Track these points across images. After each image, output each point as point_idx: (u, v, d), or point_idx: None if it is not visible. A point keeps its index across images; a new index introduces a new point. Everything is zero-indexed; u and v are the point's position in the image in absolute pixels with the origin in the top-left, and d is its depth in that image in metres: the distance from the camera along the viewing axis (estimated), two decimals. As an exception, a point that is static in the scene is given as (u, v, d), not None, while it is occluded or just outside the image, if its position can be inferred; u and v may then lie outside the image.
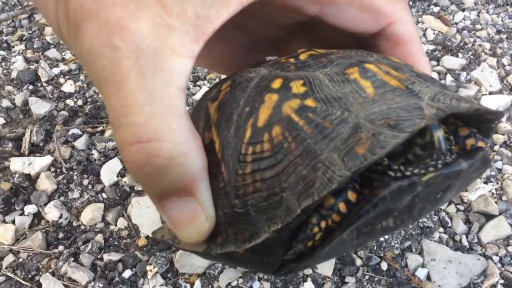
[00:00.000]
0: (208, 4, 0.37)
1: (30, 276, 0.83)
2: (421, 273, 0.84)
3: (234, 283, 0.82)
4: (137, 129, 0.36)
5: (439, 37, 1.25)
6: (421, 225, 0.90)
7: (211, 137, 0.45)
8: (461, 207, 0.93)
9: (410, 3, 1.36)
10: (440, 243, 0.88)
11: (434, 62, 1.20)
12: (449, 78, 1.15)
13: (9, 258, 0.84)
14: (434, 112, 0.37)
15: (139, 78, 0.36)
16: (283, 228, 0.39)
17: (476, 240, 0.88)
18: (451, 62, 1.18)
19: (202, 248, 0.45)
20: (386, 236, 0.86)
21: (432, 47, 1.23)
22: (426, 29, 1.28)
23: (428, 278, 0.84)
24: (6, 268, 0.83)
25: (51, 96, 1.09)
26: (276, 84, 0.42)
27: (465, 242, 0.88)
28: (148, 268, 0.83)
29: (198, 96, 1.10)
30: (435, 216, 0.92)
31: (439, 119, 0.38)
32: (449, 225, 0.91)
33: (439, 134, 0.37)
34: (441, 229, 0.90)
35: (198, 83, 1.14)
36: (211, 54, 0.53)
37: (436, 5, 1.35)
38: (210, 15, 0.38)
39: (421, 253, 0.87)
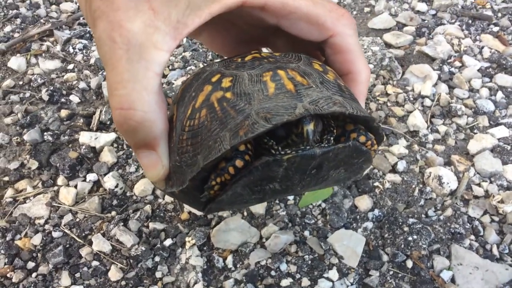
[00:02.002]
0: (187, 12, 0.51)
1: (83, 234, 0.93)
2: (446, 275, 0.85)
3: (263, 262, 0.88)
4: (120, 99, 0.51)
5: (494, 55, 1.26)
6: (453, 231, 0.91)
7: (173, 110, 0.61)
8: (496, 218, 0.93)
9: (470, 21, 1.37)
10: (469, 250, 0.89)
11: (487, 79, 1.20)
12: (499, 94, 1.16)
13: (68, 217, 0.95)
14: (301, 112, 0.49)
15: (127, 63, 0.50)
16: (193, 179, 0.54)
17: (507, 251, 0.88)
18: (504, 79, 1.19)
19: (163, 186, 0.61)
20: (415, 236, 0.89)
21: (486, 64, 1.24)
22: (483, 47, 1.29)
23: (453, 281, 0.85)
24: (64, 225, 0.94)
25: (94, 40, 1.21)
26: (215, 78, 0.56)
27: (495, 252, 0.89)
28: (187, 239, 0.91)
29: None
30: (468, 224, 0.93)
31: (310, 116, 0.49)
32: (481, 233, 0.91)
33: (307, 127, 0.49)
34: (473, 237, 0.91)
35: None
36: (214, 40, 0.71)
37: (496, 25, 1.36)
38: (187, 21, 0.51)
39: (448, 257, 0.88)
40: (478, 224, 0.93)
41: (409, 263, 0.87)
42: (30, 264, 0.89)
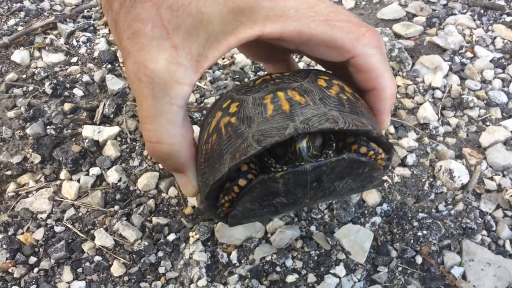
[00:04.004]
0: (207, 46, 0.54)
1: (86, 229, 0.91)
2: (457, 271, 0.83)
3: (268, 258, 0.86)
4: (149, 133, 0.58)
5: (507, 46, 1.22)
6: (464, 226, 0.89)
7: (199, 135, 0.67)
8: (509, 213, 0.90)
9: (482, 11, 1.33)
10: (481, 245, 0.86)
11: (500, 70, 1.17)
12: (512, 86, 1.13)
13: (70, 212, 0.94)
14: (290, 132, 0.52)
15: (153, 100, 0.55)
16: (207, 198, 0.62)
17: (520, 247, 0.86)
18: (518, 70, 1.16)
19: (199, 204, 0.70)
20: (425, 231, 0.86)
21: (499, 55, 1.21)
22: (495, 38, 1.25)
23: (464, 277, 0.83)
24: (66, 220, 0.93)
25: (125, 76, 1.20)
26: (225, 104, 0.61)
27: (508, 247, 0.86)
28: (191, 234, 0.89)
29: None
30: (480, 219, 0.90)
31: (303, 134, 0.52)
32: (494, 229, 0.89)
33: (299, 145, 0.52)
34: (485, 232, 0.88)
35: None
36: (252, 52, 0.77)
37: (508, 14, 1.32)
38: (208, 54, 0.54)
39: (459, 253, 0.86)
40: (490, 219, 0.90)
41: (419, 259, 0.85)
42: (32, 259, 0.87)
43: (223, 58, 1.23)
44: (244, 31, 0.54)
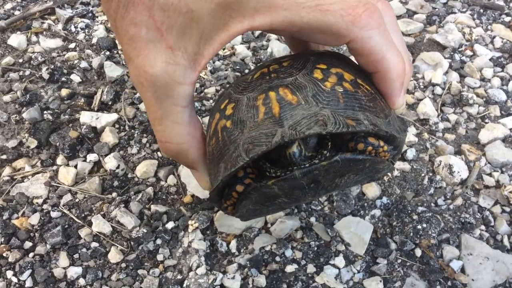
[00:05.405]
0: (202, 43, 0.54)
1: (83, 215, 0.90)
2: (456, 265, 0.83)
3: (267, 248, 0.85)
4: (159, 134, 0.61)
5: (506, 45, 1.23)
6: (463, 220, 0.89)
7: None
8: (507, 208, 0.91)
9: (481, 10, 1.34)
10: (479, 240, 0.87)
11: (499, 69, 1.18)
12: (511, 84, 1.13)
13: (67, 197, 0.92)
14: (277, 140, 0.51)
15: (157, 103, 0.57)
16: (210, 202, 0.70)
17: (518, 242, 0.86)
18: (516, 69, 1.17)
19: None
20: (424, 225, 0.86)
21: (498, 54, 1.21)
22: (494, 37, 1.26)
23: (462, 271, 0.83)
24: (63, 206, 0.91)
25: (124, 63, 1.18)
26: (223, 105, 0.61)
27: (506, 242, 0.86)
28: (190, 223, 0.88)
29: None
30: (478, 214, 0.90)
31: (295, 139, 0.51)
32: (492, 224, 0.89)
33: (289, 151, 0.51)
34: (483, 227, 0.89)
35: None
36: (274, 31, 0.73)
37: (508, 15, 1.33)
38: (203, 52, 0.54)
39: (458, 247, 0.86)
40: (489, 214, 0.90)
41: (418, 252, 0.85)
42: (27, 244, 0.86)
43: (224, 49, 1.22)
44: (234, 25, 0.52)
